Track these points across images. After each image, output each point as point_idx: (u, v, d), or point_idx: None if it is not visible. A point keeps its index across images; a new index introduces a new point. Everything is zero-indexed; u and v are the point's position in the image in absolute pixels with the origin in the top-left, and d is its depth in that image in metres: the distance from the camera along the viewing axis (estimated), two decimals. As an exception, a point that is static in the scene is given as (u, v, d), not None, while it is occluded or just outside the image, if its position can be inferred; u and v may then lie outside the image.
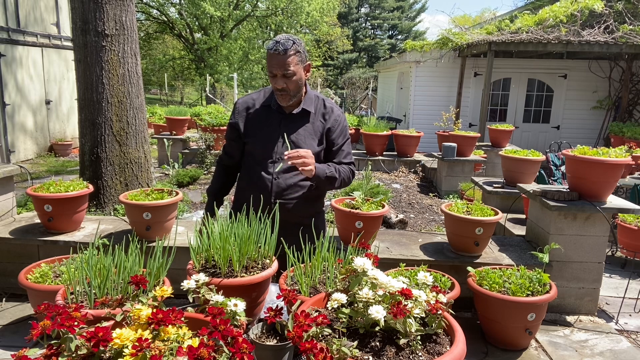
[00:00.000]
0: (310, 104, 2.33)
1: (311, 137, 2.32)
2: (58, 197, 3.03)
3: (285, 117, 2.31)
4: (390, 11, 34.65)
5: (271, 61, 2.16)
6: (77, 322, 1.10)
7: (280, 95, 2.22)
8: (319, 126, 2.34)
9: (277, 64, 2.14)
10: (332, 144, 2.37)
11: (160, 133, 9.63)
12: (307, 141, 2.30)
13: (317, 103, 2.36)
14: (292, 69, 2.15)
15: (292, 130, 2.29)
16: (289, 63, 2.14)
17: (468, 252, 3.02)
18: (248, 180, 2.36)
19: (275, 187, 2.26)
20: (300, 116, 2.31)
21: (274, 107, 2.31)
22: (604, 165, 2.91)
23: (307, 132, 2.31)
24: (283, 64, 2.13)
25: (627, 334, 3.01)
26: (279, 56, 2.13)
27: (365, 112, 18.88)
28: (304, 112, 2.31)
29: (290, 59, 2.15)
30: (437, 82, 11.63)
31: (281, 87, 2.18)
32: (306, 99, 2.32)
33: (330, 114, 2.37)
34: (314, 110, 2.33)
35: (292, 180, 2.29)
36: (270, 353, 1.43)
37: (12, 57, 9.64)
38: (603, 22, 9.80)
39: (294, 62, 2.16)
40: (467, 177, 6.86)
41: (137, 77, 5.07)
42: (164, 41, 26.58)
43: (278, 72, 2.15)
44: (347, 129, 2.44)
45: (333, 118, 2.36)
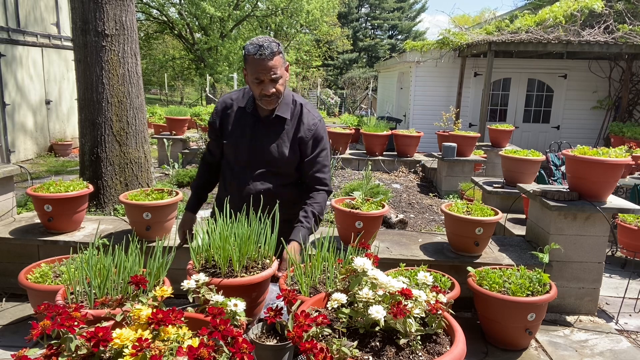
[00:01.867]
0: (286, 109, 2.20)
1: (285, 144, 2.20)
2: (58, 197, 3.03)
3: (259, 120, 2.20)
4: (390, 11, 34.66)
5: (256, 66, 2.01)
6: (77, 322, 1.10)
7: (267, 101, 2.11)
8: (292, 134, 2.21)
9: (264, 68, 2.01)
10: (304, 155, 2.22)
11: (160, 133, 9.62)
12: (279, 149, 2.19)
13: (294, 109, 2.22)
14: (279, 72, 2.05)
15: (265, 135, 2.19)
16: (276, 67, 2.03)
17: (468, 252, 3.02)
18: (223, 181, 2.34)
19: (246, 192, 2.19)
20: (275, 121, 2.19)
21: (248, 110, 2.21)
22: (604, 165, 2.91)
23: (281, 140, 2.19)
24: (271, 68, 2.01)
25: (627, 334, 3.01)
26: (265, 61, 1.99)
27: (365, 112, 18.88)
28: (278, 117, 2.19)
29: (277, 62, 2.03)
30: (437, 82, 11.63)
31: (271, 92, 2.06)
32: (282, 105, 2.18)
33: (305, 120, 2.22)
34: (289, 116, 2.20)
35: (262, 186, 2.21)
36: (270, 353, 1.43)
37: (12, 57, 9.64)
38: (603, 22, 9.80)
39: (280, 65, 2.05)
40: (467, 177, 6.86)
41: (137, 77, 5.07)
42: (164, 41, 26.58)
43: (266, 77, 2.03)
44: (323, 139, 2.26)
45: (307, 126, 2.21)
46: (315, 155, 2.23)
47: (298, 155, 2.23)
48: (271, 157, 2.19)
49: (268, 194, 2.18)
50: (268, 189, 2.21)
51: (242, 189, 2.21)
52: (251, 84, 2.10)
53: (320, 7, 21.35)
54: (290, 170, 2.26)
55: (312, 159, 2.23)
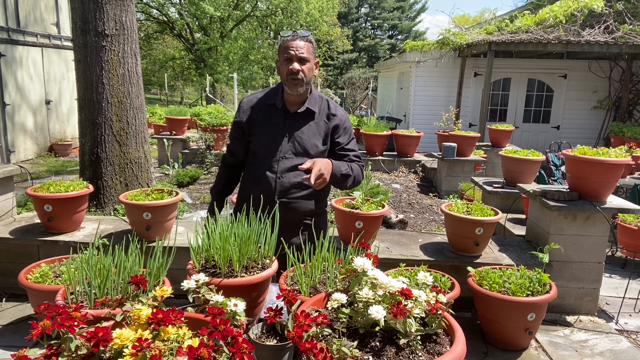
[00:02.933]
0: (314, 103, 2.33)
1: (315, 136, 2.32)
2: (58, 197, 3.03)
3: (289, 115, 2.31)
4: (390, 11, 34.65)
5: (287, 46, 2.19)
6: (77, 322, 1.10)
7: (293, 81, 2.21)
8: (323, 126, 2.35)
9: (295, 46, 2.18)
10: (337, 145, 2.37)
11: (160, 133, 9.62)
12: (311, 140, 2.30)
13: (321, 103, 2.37)
14: (306, 54, 2.19)
15: (296, 129, 2.30)
16: (305, 48, 2.19)
17: (468, 252, 3.02)
18: (251, 179, 2.36)
19: (279, 186, 2.26)
20: (305, 115, 2.31)
21: (279, 106, 2.31)
22: (604, 165, 2.91)
23: (312, 132, 2.31)
24: (300, 47, 2.18)
25: (627, 334, 3.01)
26: (297, 41, 2.18)
27: (365, 112, 18.87)
28: (308, 112, 2.31)
29: (307, 46, 2.21)
30: (437, 82, 11.63)
31: (297, 69, 2.18)
32: (310, 98, 2.33)
33: (334, 114, 2.37)
34: (318, 110, 2.34)
35: (296, 179, 2.28)
36: (270, 353, 1.43)
37: (12, 57, 9.64)
38: (603, 22, 9.80)
39: (310, 50, 2.21)
40: (467, 177, 6.86)
41: (137, 77, 5.07)
42: (164, 41, 26.57)
43: (295, 53, 2.17)
44: (351, 129, 2.46)
45: (337, 118, 2.37)
46: (347, 143, 2.39)
47: (328, 146, 2.36)
48: (304, 149, 2.29)
49: (301, 185, 2.28)
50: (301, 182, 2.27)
51: (275, 183, 2.26)
52: (281, 65, 2.24)
53: (319, 7, 21.34)
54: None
55: (343, 147, 2.38)
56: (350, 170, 2.30)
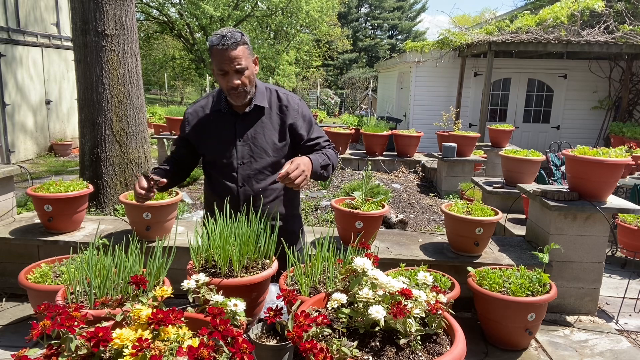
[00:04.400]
0: (262, 98, 2.17)
1: (271, 132, 2.17)
2: (58, 197, 3.03)
3: (238, 117, 2.16)
4: (390, 11, 34.66)
5: (220, 57, 1.98)
6: (77, 322, 1.10)
7: (235, 95, 2.05)
8: (276, 120, 2.19)
9: (227, 59, 1.97)
10: (300, 137, 2.21)
11: (160, 133, 9.62)
12: (268, 138, 2.16)
13: (270, 96, 2.20)
14: (244, 63, 2.00)
15: (249, 129, 2.16)
16: (240, 57, 1.98)
17: (468, 252, 3.02)
18: (213, 191, 2.22)
19: (242, 195, 2.15)
20: (254, 113, 2.16)
21: (224, 110, 2.16)
22: (604, 165, 2.91)
23: (266, 129, 2.17)
24: (234, 59, 1.97)
25: (627, 334, 3.01)
26: (228, 51, 1.96)
27: (365, 112, 18.88)
28: (257, 108, 2.16)
29: (241, 52, 1.99)
30: (437, 82, 11.63)
31: (236, 84, 2.01)
32: (257, 94, 2.15)
33: (287, 105, 2.20)
34: (267, 104, 2.18)
35: (259, 185, 2.17)
36: (270, 353, 1.43)
37: (12, 57, 9.64)
38: (603, 22, 9.80)
39: (245, 56, 2.01)
40: (467, 177, 6.86)
41: (137, 77, 5.07)
42: (164, 41, 26.58)
43: (230, 68, 1.98)
44: (310, 116, 2.28)
45: (292, 110, 2.20)
46: (311, 132, 2.25)
47: (287, 140, 2.21)
48: (262, 149, 2.16)
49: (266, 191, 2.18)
50: (266, 187, 2.19)
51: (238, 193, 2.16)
52: (217, 76, 2.06)
53: (319, 7, 21.34)
54: (283, 158, 2.21)
55: (310, 137, 2.24)
56: (327, 159, 2.15)
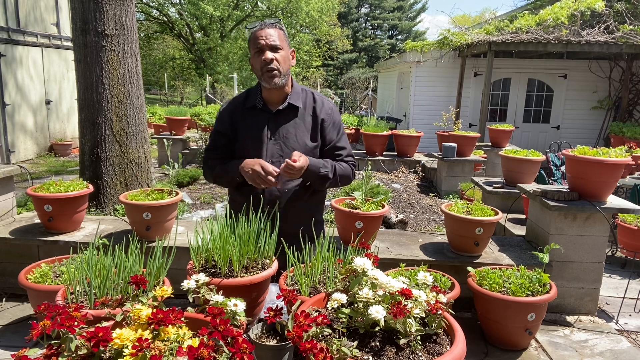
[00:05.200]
0: (297, 98, 2.17)
1: (303, 133, 2.16)
2: (58, 197, 3.03)
3: (272, 115, 2.16)
4: (390, 11, 34.66)
5: (257, 37, 2.02)
6: (77, 322, 1.10)
7: (269, 73, 2.03)
8: (309, 122, 2.18)
9: (263, 35, 2.01)
10: (327, 141, 2.22)
11: (160, 133, 9.63)
12: (300, 139, 2.16)
13: (305, 97, 2.20)
14: (278, 42, 2.03)
15: (282, 128, 2.15)
16: (275, 35, 2.03)
17: (468, 252, 3.02)
18: (241, 188, 2.18)
19: (268, 194, 2.12)
20: (288, 112, 2.16)
21: (259, 106, 2.16)
22: (604, 165, 2.91)
23: (298, 129, 2.16)
24: (270, 35, 2.02)
25: (627, 334, 3.01)
26: (265, 30, 2.02)
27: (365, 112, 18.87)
28: (291, 107, 2.15)
29: (277, 33, 2.04)
30: (437, 82, 11.63)
31: (270, 58, 2.00)
32: (292, 93, 2.16)
33: (321, 107, 2.20)
34: (302, 104, 2.17)
35: (286, 185, 2.14)
36: (270, 353, 1.43)
37: (12, 57, 9.64)
38: (603, 22, 9.80)
39: (281, 38, 2.05)
40: (467, 177, 6.86)
41: (137, 77, 5.07)
42: (164, 41, 26.58)
43: (265, 42, 2.01)
44: (341, 124, 2.29)
45: (325, 112, 2.20)
46: (337, 140, 2.24)
47: (319, 143, 2.21)
48: (292, 149, 2.13)
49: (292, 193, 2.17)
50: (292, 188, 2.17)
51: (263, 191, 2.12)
52: (253, 60, 2.08)
53: (319, 7, 21.36)
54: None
55: (334, 144, 2.23)
56: (330, 172, 2.13)
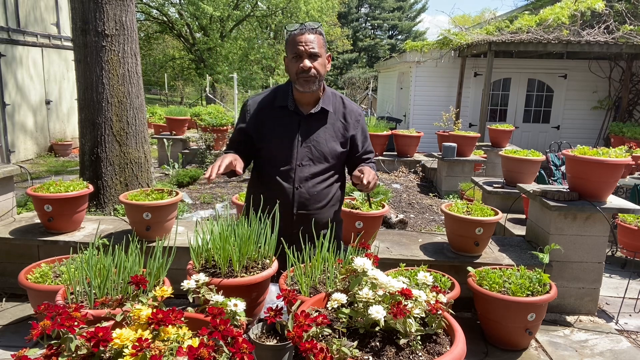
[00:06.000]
0: (328, 102, 2.16)
1: (332, 139, 2.15)
2: (58, 197, 3.03)
3: (303, 118, 2.13)
4: (390, 11, 34.66)
5: (296, 41, 2.01)
6: (77, 322, 1.10)
7: (305, 79, 2.02)
8: (339, 127, 2.18)
9: (304, 41, 1.99)
10: (358, 148, 2.23)
11: (160, 133, 9.63)
12: (329, 144, 2.14)
13: (334, 101, 2.20)
14: (317, 49, 2.01)
15: (312, 132, 2.13)
16: (315, 42, 2.01)
17: (468, 252, 3.02)
18: (266, 190, 2.14)
19: (297, 197, 2.11)
20: (319, 116, 2.14)
21: (290, 108, 2.12)
22: (604, 165, 2.91)
23: (328, 134, 2.15)
24: (310, 42, 2.00)
25: (627, 334, 3.01)
26: (305, 35, 2.00)
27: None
28: (322, 112, 2.14)
29: (317, 39, 2.02)
30: (437, 82, 11.63)
31: (308, 67, 1.99)
32: (324, 97, 2.15)
33: (351, 114, 2.21)
34: (332, 109, 2.17)
35: (315, 189, 2.13)
36: (270, 353, 1.43)
37: (12, 57, 9.64)
38: (603, 22, 9.80)
39: (320, 44, 2.03)
40: (467, 177, 6.86)
41: (137, 77, 5.07)
42: (164, 41, 26.58)
43: (305, 49, 1.99)
44: (366, 127, 2.32)
45: (354, 119, 2.21)
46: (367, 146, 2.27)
47: (347, 149, 2.21)
48: (321, 154, 2.13)
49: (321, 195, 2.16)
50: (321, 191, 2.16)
51: (293, 194, 2.11)
52: (290, 63, 2.06)
53: (319, 7, 21.35)
54: (339, 165, 2.23)
55: (364, 150, 2.26)
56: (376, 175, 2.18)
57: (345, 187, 2.36)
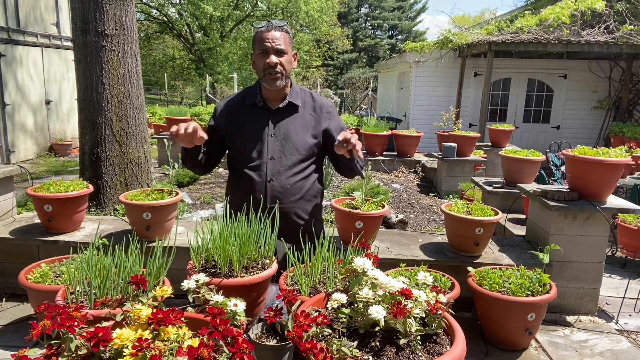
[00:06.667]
0: (296, 97, 2.23)
1: (303, 131, 2.21)
2: (58, 197, 3.03)
3: (272, 113, 2.20)
4: (390, 11, 34.66)
5: (262, 38, 2.07)
6: (77, 322, 1.10)
7: (271, 76, 2.09)
8: (310, 119, 2.24)
9: (271, 38, 2.06)
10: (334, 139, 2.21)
11: (160, 133, 9.63)
12: (300, 136, 2.20)
13: (303, 96, 2.27)
14: (284, 46, 2.08)
15: (282, 126, 2.20)
16: (282, 39, 2.08)
17: (468, 252, 3.02)
18: (239, 186, 2.21)
19: (270, 190, 2.15)
20: (288, 110, 2.22)
21: (259, 104, 2.20)
22: (604, 165, 2.91)
23: (298, 127, 2.21)
24: (277, 38, 2.07)
25: (627, 334, 3.01)
26: (272, 32, 2.07)
27: (365, 112, 18.87)
28: (291, 106, 2.21)
29: (284, 37, 2.09)
30: (437, 82, 11.63)
31: (275, 62, 2.06)
32: (292, 92, 2.22)
33: (321, 107, 2.27)
34: (301, 103, 2.24)
35: (288, 181, 2.16)
36: (270, 353, 1.43)
37: (12, 57, 9.64)
38: (603, 22, 9.81)
39: (286, 41, 2.10)
40: (467, 177, 6.86)
41: (137, 77, 5.07)
42: (164, 41, 26.57)
43: (271, 45, 2.06)
44: (340, 118, 2.37)
45: (325, 111, 2.27)
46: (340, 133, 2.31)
47: (319, 140, 2.26)
48: (293, 146, 2.18)
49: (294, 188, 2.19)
50: (294, 184, 2.20)
51: (265, 188, 2.15)
52: (257, 59, 2.12)
53: (318, 7, 21.35)
54: (313, 158, 2.27)
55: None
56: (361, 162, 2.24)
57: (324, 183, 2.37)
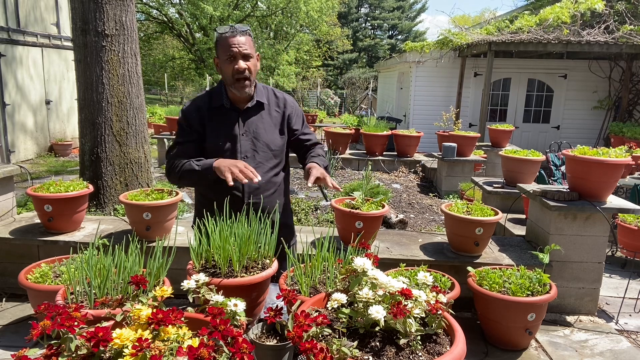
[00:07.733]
0: (262, 95, 2.28)
1: (272, 129, 2.28)
2: (58, 197, 3.03)
3: (241, 113, 2.24)
4: (390, 11, 34.65)
5: (228, 43, 2.09)
6: (77, 322, 1.10)
7: (240, 82, 2.12)
8: (276, 115, 2.30)
9: (237, 43, 2.08)
10: (294, 132, 2.35)
11: (160, 133, 9.63)
12: (269, 134, 2.26)
13: (267, 94, 2.32)
14: (249, 50, 2.11)
15: (251, 125, 2.24)
16: (247, 43, 2.10)
17: (468, 252, 3.02)
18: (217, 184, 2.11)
19: (247, 187, 2.19)
20: (256, 109, 2.26)
21: (227, 106, 2.22)
22: (604, 165, 2.91)
23: (267, 125, 2.27)
24: (243, 43, 2.09)
25: (627, 334, 3.01)
26: (237, 37, 2.09)
27: (365, 112, 18.88)
28: (258, 104, 2.26)
29: (248, 41, 2.12)
30: (437, 82, 11.63)
31: (244, 67, 2.09)
32: (257, 92, 2.26)
33: (283, 102, 2.34)
34: (266, 100, 2.29)
35: (263, 178, 2.19)
36: (270, 353, 1.43)
37: (12, 57, 9.64)
38: (603, 22, 9.81)
39: (251, 45, 2.13)
40: (467, 177, 6.86)
41: (137, 77, 5.07)
42: (164, 41, 26.57)
43: (239, 49, 2.08)
44: (302, 113, 2.44)
45: (289, 106, 2.34)
46: (303, 129, 2.40)
47: (286, 135, 2.34)
48: (264, 143, 2.24)
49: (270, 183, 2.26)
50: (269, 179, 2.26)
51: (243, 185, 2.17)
52: (223, 65, 2.13)
53: (318, 7, 21.34)
54: (282, 153, 2.35)
55: (302, 133, 2.38)
56: (325, 161, 2.28)
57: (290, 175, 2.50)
